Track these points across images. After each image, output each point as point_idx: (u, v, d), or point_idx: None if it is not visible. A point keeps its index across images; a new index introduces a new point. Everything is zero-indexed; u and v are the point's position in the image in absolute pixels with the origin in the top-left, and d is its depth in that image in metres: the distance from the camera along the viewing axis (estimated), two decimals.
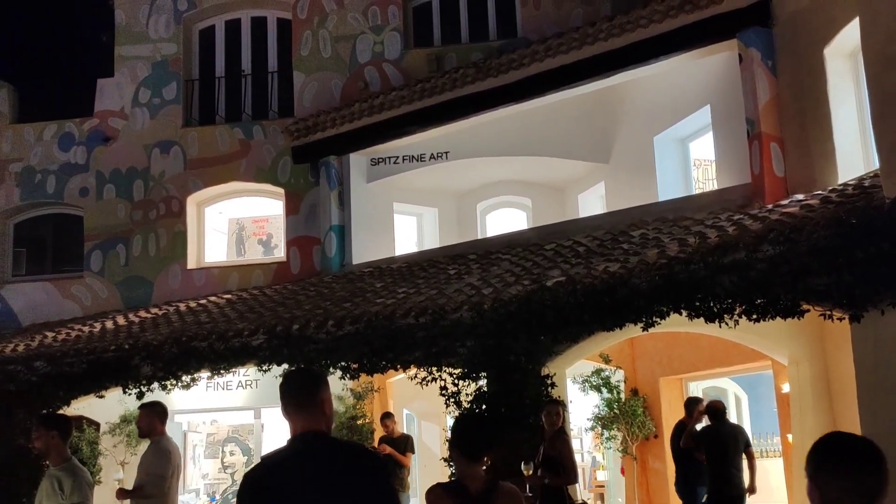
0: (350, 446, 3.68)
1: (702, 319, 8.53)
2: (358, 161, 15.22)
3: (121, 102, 16.58)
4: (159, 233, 16.01)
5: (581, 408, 14.27)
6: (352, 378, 11.40)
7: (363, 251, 14.87)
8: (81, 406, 13.74)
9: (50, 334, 13.90)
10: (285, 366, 11.29)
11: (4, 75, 17.17)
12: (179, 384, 11.98)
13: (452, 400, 10.22)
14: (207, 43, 17.00)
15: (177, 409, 14.83)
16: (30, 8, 20.92)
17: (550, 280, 9.75)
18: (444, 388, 10.30)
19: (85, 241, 16.22)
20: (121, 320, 14.20)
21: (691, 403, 10.56)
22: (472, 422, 4.35)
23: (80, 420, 16.94)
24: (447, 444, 3.95)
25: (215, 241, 16.55)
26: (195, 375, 12.07)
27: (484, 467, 4.01)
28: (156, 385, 11.92)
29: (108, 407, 14.08)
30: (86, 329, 13.91)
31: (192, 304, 14.45)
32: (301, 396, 3.48)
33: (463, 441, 4.03)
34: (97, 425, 15.61)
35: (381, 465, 3.69)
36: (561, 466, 8.37)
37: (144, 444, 14.21)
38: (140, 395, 12.14)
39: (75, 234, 16.47)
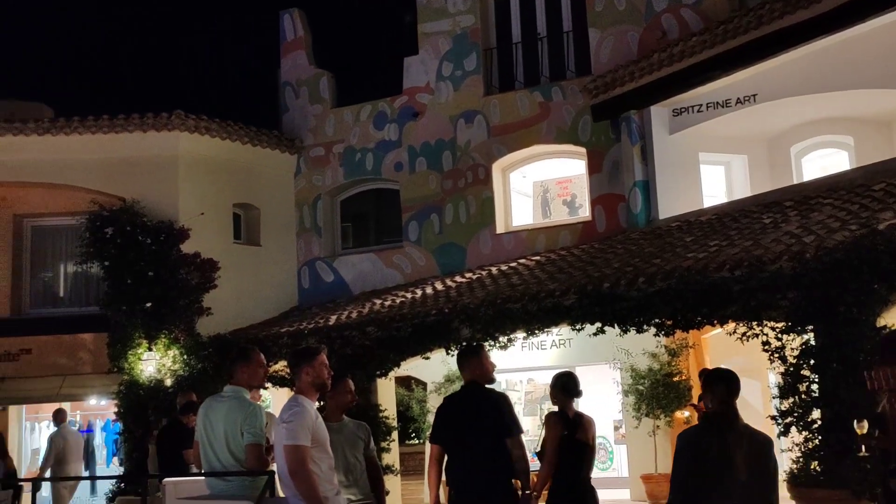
0: (491, 391, 6.03)
1: None
2: (659, 113, 14.81)
3: (426, 78, 17.38)
4: (468, 200, 16.64)
5: None
6: (666, 335, 11.22)
7: (669, 205, 14.49)
8: (409, 367, 14.73)
9: (378, 301, 14.98)
10: (598, 324, 11.36)
11: (324, 65, 18.63)
12: (497, 345, 12.44)
13: (776, 355, 9.73)
14: (503, 11, 17.29)
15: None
16: None
17: (882, 223, 8.95)
18: (766, 343, 9.85)
19: (402, 212, 17.26)
20: (438, 286, 14.97)
21: None
22: (567, 374, 6.59)
23: (408, 380, 18.18)
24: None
25: (521, 205, 16.92)
26: (511, 336, 12.46)
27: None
28: None
29: (433, 367, 14.97)
30: (408, 295, 14.83)
31: (503, 268, 14.89)
32: (469, 359, 6.09)
33: (564, 385, 6.49)
34: (424, 385, 16.66)
35: (509, 403, 6.02)
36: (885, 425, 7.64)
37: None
38: None
39: (393, 207, 17.58)
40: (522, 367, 15.12)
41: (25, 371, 15.79)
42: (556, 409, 6.53)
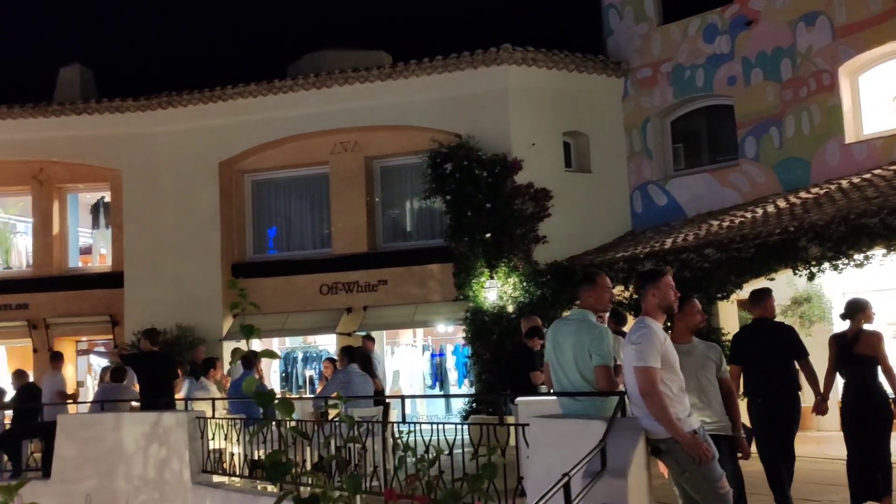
0: (780, 323, 7.70)
1: None
2: None
3: None
4: (812, 110, 15.42)
5: None
6: None
7: None
8: (752, 289, 14.05)
9: (715, 223, 14.46)
10: None
11: None
12: (851, 263, 11.55)
13: None
14: None
15: (846, 290, 14.35)
16: None
17: None
18: None
19: (737, 128, 16.40)
20: (781, 203, 14.14)
21: None
22: (851, 300, 7.84)
23: None
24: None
25: (875, 111, 15.35)
26: (867, 254, 11.51)
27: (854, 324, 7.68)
28: (826, 265, 11.66)
29: (779, 289, 14.18)
30: (748, 215, 14.16)
31: (855, 180, 13.71)
32: (760, 301, 7.60)
33: (846, 310, 7.76)
34: None
35: (795, 333, 7.53)
36: None
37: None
38: (811, 277, 12.04)
39: (726, 124, 16.75)
40: (882, 287, 13.88)
41: (383, 300, 17.25)
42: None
